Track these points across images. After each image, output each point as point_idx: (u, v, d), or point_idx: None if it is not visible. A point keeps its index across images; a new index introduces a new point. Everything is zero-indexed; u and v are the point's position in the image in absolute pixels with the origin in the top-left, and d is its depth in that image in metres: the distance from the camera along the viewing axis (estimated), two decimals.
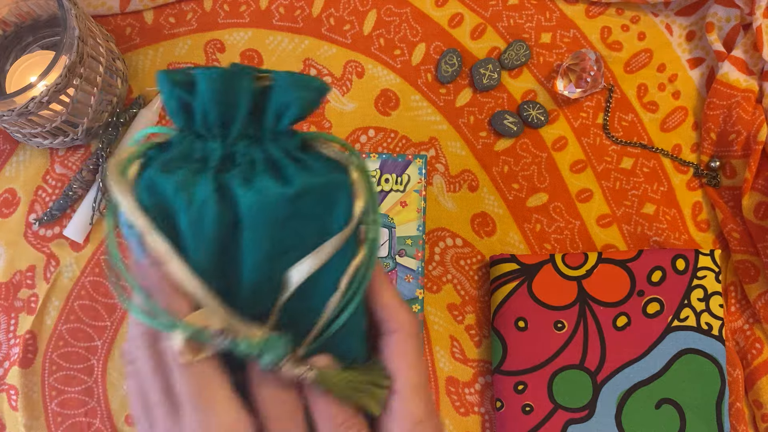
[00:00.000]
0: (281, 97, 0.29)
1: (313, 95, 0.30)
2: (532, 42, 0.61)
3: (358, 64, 0.60)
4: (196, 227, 0.28)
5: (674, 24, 0.61)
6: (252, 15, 0.60)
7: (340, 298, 0.30)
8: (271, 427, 0.30)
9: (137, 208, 0.28)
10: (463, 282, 0.57)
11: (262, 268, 0.29)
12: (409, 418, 0.31)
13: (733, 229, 0.57)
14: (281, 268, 0.30)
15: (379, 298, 0.33)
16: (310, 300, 0.30)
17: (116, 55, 0.57)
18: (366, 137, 0.59)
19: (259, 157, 0.30)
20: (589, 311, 0.54)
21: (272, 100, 0.29)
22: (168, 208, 0.29)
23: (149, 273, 0.30)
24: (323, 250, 0.29)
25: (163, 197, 0.29)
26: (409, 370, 0.32)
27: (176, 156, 0.29)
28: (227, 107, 0.29)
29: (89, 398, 0.55)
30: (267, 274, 0.30)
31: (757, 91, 0.57)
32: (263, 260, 0.29)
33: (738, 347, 0.56)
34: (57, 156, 0.58)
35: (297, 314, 0.30)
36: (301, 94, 0.29)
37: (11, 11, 0.53)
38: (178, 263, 0.28)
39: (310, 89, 0.30)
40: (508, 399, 0.53)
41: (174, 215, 0.29)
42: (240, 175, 0.29)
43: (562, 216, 0.58)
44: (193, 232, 0.29)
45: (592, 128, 0.60)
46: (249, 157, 0.29)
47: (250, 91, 0.29)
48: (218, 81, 0.28)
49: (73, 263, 0.56)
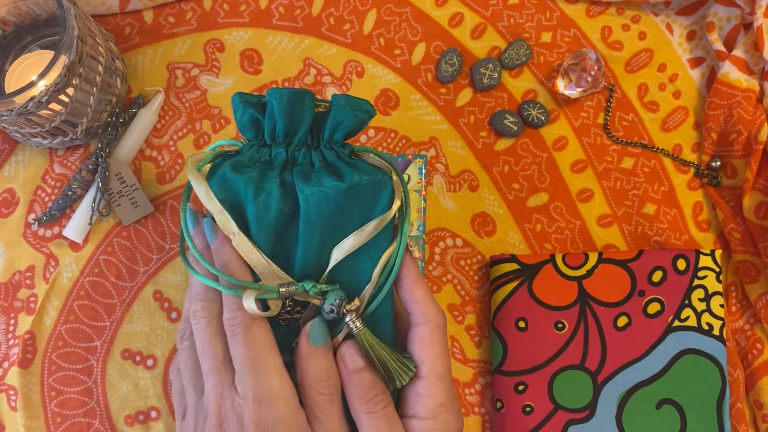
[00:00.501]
0: (338, 114, 0.36)
1: (364, 116, 0.37)
2: (533, 41, 0.60)
3: (358, 63, 0.60)
4: (261, 215, 0.35)
5: (675, 23, 0.61)
6: (252, 14, 0.60)
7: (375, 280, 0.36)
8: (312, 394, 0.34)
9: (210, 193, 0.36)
10: (463, 282, 0.57)
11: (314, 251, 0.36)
12: (433, 401, 0.35)
13: (733, 229, 0.56)
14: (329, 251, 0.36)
15: (413, 293, 0.37)
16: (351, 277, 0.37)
17: (116, 55, 0.57)
18: (366, 137, 0.59)
19: (317, 159, 0.37)
20: (590, 311, 0.54)
21: (330, 116, 0.37)
22: (237, 199, 0.36)
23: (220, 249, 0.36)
24: (364, 230, 0.36)
25: (234, 191, 0.36)
26: (435, 358, 0.36)
27: (246, 160, 0.36)
28: (293, 120, 0.36)
29: (89, 399, 0.55)
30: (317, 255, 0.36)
31: (758, 91, 0.57)
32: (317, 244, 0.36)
33: (739, 347, 0.56)
34: (56, 156, 0.57)
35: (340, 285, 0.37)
36: (354, 114, 0.37)
37: (10, 11, 0.53)
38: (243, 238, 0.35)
39: (362, 110, 0.37)
40: (509, 399, 0.53)
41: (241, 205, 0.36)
42: (301, 172, 0.36)
43: (562, 216, 0.58)
44: (257, 219, 0.35)
45: (593, 128, 0.60)
46: (309, 159, 0.37)
47: (312, 108, 0.36)
48: (288, 98, 0.35)
49: (73, 263, 0.56)
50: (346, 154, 0.37)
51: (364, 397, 0.35)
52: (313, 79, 0.59)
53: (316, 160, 0.37)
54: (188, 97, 0.59)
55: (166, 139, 0.58)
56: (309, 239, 0.36)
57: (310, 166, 0.37)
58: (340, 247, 0.36)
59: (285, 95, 0.35)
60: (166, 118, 0.58)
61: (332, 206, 0.35)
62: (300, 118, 0.36)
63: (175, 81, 0.59)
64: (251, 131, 0.38)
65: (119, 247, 0.56)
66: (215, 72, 0.59)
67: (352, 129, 0.37)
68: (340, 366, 0.36)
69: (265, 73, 0.59)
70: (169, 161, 0.58)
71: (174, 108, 0.58)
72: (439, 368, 0.36)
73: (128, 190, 0.56)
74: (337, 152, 0.37)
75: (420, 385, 0.36)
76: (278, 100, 0.35)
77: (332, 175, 0.36)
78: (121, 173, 0.56)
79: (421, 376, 0.36)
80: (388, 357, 0.35)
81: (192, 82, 0.59)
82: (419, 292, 0.37)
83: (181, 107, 0.58)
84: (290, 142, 0.37)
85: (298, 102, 0.36)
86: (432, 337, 0.36)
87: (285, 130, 0.36)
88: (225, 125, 0.58)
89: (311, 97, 0.36)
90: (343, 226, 0.36)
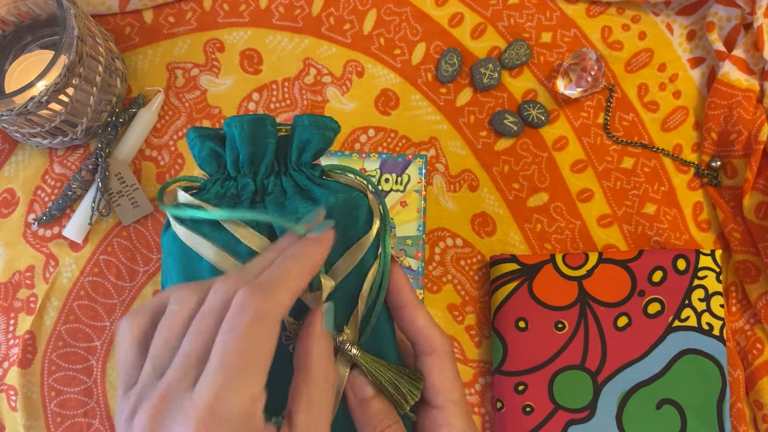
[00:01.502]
0: (303, 134, 0.35)
1: (330, 134, 0.36)
2: (533, 41, 0.60)
3: (358, 63, 0.60)
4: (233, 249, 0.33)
5: (675, 23, 0.61)
6: (252, 14, 0.60)
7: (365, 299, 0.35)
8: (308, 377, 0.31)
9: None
10: (463, 282, 0.57)
11: None
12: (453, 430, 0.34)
13: (733, 229, 0.56)
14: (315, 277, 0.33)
15: (415, 322, 0.36)
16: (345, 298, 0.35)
17: (115, 55, 0.57)
18: (366, 137, 0.59)
19: (288, 185, 0.35)
20: (590, 311, 0.54)
21: (296, 137, 0.35)
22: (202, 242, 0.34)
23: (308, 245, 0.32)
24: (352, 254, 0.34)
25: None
26: (450, 386, 0.35)
27: (210, 197, 0.34)
28: (256, 147, 0.34)
29: (88, 399, 0.55)
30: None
31: (758, 91, 0.57)
32: None
33: (739, 347, 0.56)
34: (56, 156, 0.57)
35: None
36: (320, 132, 0.35)
37: (10, 11, 0.53)
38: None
39: (327, 128, 0.35)
40: (509, 399, 0.53)
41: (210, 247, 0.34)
42: (273, 201, 0.34)
43: (562, 216, 0.58)
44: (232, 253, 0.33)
45: (593, 128, 0.60)
46: (279, 186, 0.35)
47: (275, 133, 0.35)
48: (248, 126, 0.34)
49: (73, 263, 0.56)
50: (317, 175, 0.36)
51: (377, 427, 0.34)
52: (313, 79, 0.59)
53: (288, 185, 0.35)
54: (188, 97, 0.59)
55: (166, 139, 0.58)
56: None
57: (282, 194, 0.35)
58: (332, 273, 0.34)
59: (245, 122, 0.34)
60: (166, 118, 0.58)
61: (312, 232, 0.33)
62: (264, 144, 0.34)
63: (175, 81, 0.59)
64: (212, 165, 0.36)
65: (119, 247, 0.56)
66: (215, 72, 0.59)
67: (320, 148, 0.36)
68: (349, 396, 0.35)
69: (265, 72, 0.59)
70: (169, 161, 0.58)
71: (174, 108, 0.58)
72: (455, 395, 0.35)
73: (128, 190, 0.56)
74: (307, 174, 0.36)
75: (438, 416, 0.35)
76: (239, 127, 0.34)
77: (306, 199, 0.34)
78: (121, 173, 0.56)
79: (437, 406, 0.35)
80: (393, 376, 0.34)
81: (192, 82, 0.59)
82: (421, 319, 0.36)
83: (181, 107, 0.58)
84: (256, 171, 0.35)
85: (259, 128, 0.34)
86: (442, 365, 0.35)
87: (249, 159, 0.35)
88: None
89: (272, 121, 0.35)
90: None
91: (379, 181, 0.55)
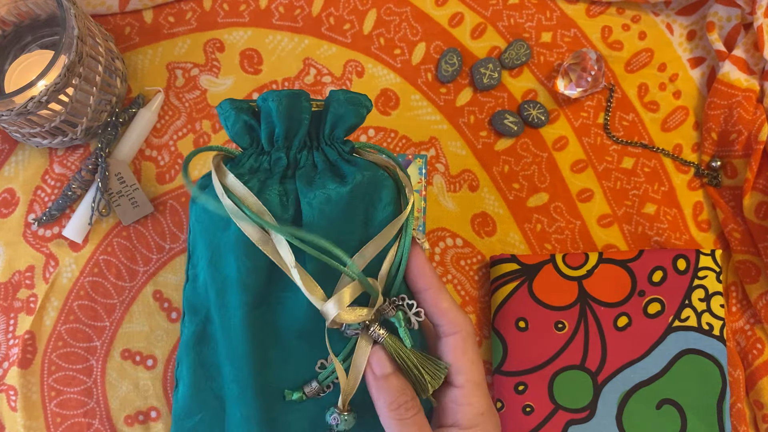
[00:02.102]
0: (338, 110, 0.35)
1: (363, 111, 0.36)
2: (533, 41, 0.60)
3: (358, 63, 0.60)
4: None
5: (675, 23, 0.61)
6: (252, 14, 0.60)
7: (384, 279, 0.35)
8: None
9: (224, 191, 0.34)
10: (463, 282, 0.57)
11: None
12: (473, 410, 0.35)
13: (734, 229, 0.56)
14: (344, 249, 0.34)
15: (439, 304, 0.36)
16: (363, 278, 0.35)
17: (115, 55, 0.57)
18: (366, 137, 0.59)
19: (319, 160, 0.36)
20: (590, 311, 0.54)
21: (330, 112, 0.35)
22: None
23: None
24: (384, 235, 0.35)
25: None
26: (471, 366, 0.36)
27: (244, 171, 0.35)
28: (292, 122, 0.35)
29: (88, 399, 0.55)
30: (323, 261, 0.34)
31: (758, 91, 0.57)
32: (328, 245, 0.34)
33: (739, 347, 0.56)
34: (56, 156, 0.57)
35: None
36: (355, 108, 0.35)
37: (10, 11, 0.53)
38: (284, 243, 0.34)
39: (361, 105, 0.36)
40: (509, 399, 0.53)
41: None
42: (304, 175, 0.35)
43: (562, 216, 0.58)
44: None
45: (593, 128, 0.59)
46: (311, 160, 0.36)
47: (309, 108, 0.35)
48: (285, 101, 0.34)
49: (73, 263, 0.56)
50: (346, 151, 0.36)
51: (394, 403, 0.34)
52: (313, 79, 0.59)
53: (319, 160, 0.36)
54: (188, 97, 0.59)
55: (166, 139, 0.58)
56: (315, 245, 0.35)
57: (313, 168, 0.36)
58: (361, 254, 0.35)
59: (283, 97, 0.34)
60: (166, 118, 0.58)
61: (336, 209, 0.34)
62: (299, 119, 0.35)
63: (175, 81, 0.59)
64: (246, 139, 0.36)
65: (119, 247, 0.56)
66: (215, 72, 0.59)
67: (353, 124, 0.36)
68: (368, 374, 0.35)
69: (265, 73, 0.59)
70: (169, 161, 0.58)
71: (174, 108, 0.58)
72: (477, 376, 0.36)
73: (128, 190, 0.56)
74: (338, 150, 0.36)
75: (458, 394, 0.35)
76: (277, 102, 0.34)
77: (335, 176, 0.35)
78: (121, 173, 0.56)
79: (458, 385, 0.35)
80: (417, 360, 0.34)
81: (192, 82, 0.59)
82: (445, 302, 0.36)
83: (180, 107, 0.58)
84: (290, 146, 0.36)
85: (295, 103, 0.35)
86: (465, 346, 0.36)
87: (284, 133, 0.35)
88: None
89: (307, 97, 0.35)
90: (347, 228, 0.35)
91: None
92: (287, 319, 0.37)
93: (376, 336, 0.34)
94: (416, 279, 0.37)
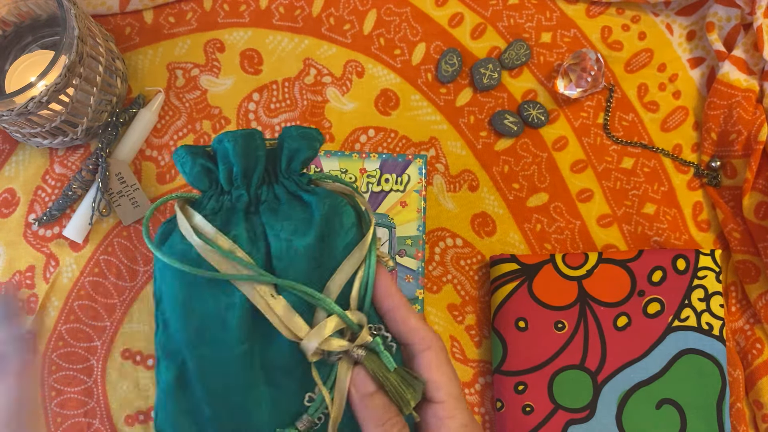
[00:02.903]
0: (292, 144, 0.36)
1: (316, 144, 0.37)
2: (533, 42, 0.60)
3: (358, 63, 0.60)
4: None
5: (675, 24, 0.61)
6: (252, 14, 0.60)
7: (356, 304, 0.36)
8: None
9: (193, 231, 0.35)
10: (463, 282, 0.57)
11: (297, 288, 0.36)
12: (456, 423, 0.35)
13: (733, 229, 0.56)
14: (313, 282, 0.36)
15: (407, 323, 0.37)
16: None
17: (116, 55, 0.57)
18: (366, 137, 0.59)
19: (280, 192, 0.37)
20: (590, 311, 0.54)
21: (285, 147, 0.37)
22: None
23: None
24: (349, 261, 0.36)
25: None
26: (449, 381, 0.36)
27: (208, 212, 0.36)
28: (249, 160, 0.36)
29: (89, 398, 0.55)
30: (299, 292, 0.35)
31: (758, 91, 0.57)
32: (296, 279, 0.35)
33: (738, 347, 0.56)
34: (56, 156, 0.57)
35: None
36: (308, 143, 0.37)
37: (11, 11, 0.53)
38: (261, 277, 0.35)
39: (313, 139, 0.37)
40: (509, 399, 0.53)
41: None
42: (268, 208, 0.36)
43: (562, 216, 0.58)
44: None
45: (593, 128, 0.60)
46: (272, 194, 0.37)
47: (264, 145, 0.36)
48: (241, 140, 0.35)
49: (73, 263, 0.56)
50: (305, 182, 0.37)
51: (379, 420, 0.34)
52: (313, 79, 0.59)
53: (280, 193, 0.37)
54: (188, 97, 0.59)
55: (166, 139, 0.58)
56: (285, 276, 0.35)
57: (276, 201, 0.37)
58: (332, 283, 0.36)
59: (239, 136, 0.35)
60: (166, 118, 0.58)
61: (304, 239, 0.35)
62: (255, 156, 0.36)
63: (175, 81, 0.59)
64: (204, 181, 0.37)
65: (119, 247, 0.56)
66: (215, 72, 0.59)
67: (308, 157, 0.37)
68: (352, 394, 0.35)
69: (265, 73, 0.59)
70: (170, 161, 0.58)
71: (174, 108, 0.58)
72: (455, 389, 0.36)
73: (128, 190, 0.56)
74: (296, 181, 0.37)
75: (440, 409, 0.36)
76: (233, 142, 0.35)
77: (299, 205, 0.36)
78: (121, 173, 0.56)
79: (439, 401, 0.36)
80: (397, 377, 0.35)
81: (192, 82, 0.59)
82: (413, 320, 0.37)
83: (181, 107, 0.58)
84: (249, 183, 0.36)
85: (251, 141, 0.36)
86: (440, 361, 0.36)
87: (243, 172, 0.36)
88: (225, 125, 0.58)
89: (260, 135, 0.36)
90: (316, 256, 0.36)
91: (379, 181, 0.55)
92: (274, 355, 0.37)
93: (356, 357, 0.35)
94: (383, 300, 0.37)
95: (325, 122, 0.59)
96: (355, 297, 0.36)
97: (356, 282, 0.36)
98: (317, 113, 0.59)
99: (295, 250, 0.35)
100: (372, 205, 0.54)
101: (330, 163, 0.55)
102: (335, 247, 0.36)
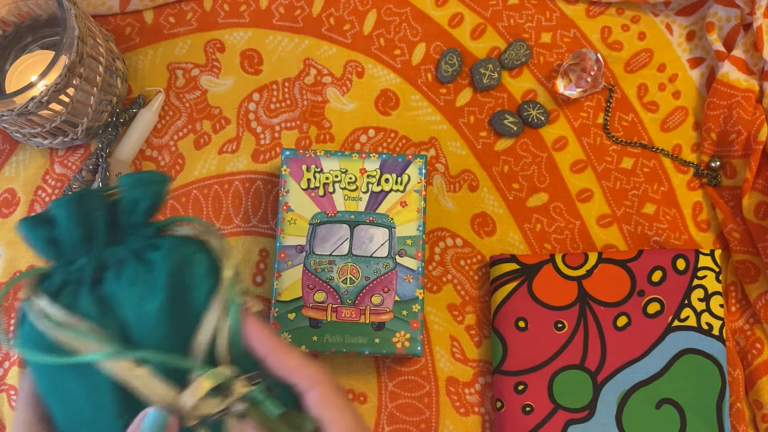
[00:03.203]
0: (129, 195, 0.34)
1: (157, 188, 0.34)
2: (533, 42, 0.61)
3: (358, 63, 0.60)
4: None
5: (674, 24, 0.61)
6: (252, 15, 0.60)
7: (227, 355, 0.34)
8: None
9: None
10: (463, 282, 0.57)
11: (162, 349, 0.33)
12: None
13: (733, 229, 0.56)
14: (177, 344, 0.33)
15: (286, 364, 0.35)
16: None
17: (116, 55, 0.57)
18: (366, 137, 0.59)
19: (125, 254, 0.33)
20: (590, 311, 0.54)
21: (122, 200, 0.34)
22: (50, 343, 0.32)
23: None
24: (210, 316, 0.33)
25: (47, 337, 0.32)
26: (342, 414, 0.34)
27: (56, 288, 0.33)
28: (86, 224, 0.33)
29: None
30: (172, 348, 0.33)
31: (758, 91, 0.57)
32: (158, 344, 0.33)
33: (738, 347, 0.56)
34: (57, 156, 0.58)
35: None
36: (146, 189, 0.34)
37: (11, 11, 0.53)
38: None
39: (152, 183, 0.34)
40: (508, 399, 0.53)
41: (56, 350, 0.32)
42: (113, 275, 0.33)
43: (562, 216, 0.58)
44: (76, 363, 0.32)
45: (593, 128, 0.60)
46: (116, 258, 0.33)
47: (102, 204, 0.33)
48: (73, 204, 0.32)
49: None
50: (151, 234, 0.34)
51: None
52: (313, 79, 0.59)
53: (125, 254, 0.33)
54: (188, 97, 0.59)
55: (166, 139, 0.58)
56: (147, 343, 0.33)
57: (120, 264, 0.33)
58: (196, 347, 0.33)
59: (71, 201, 0.32)
60: (167, 118, 0.58)
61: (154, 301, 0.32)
62: (92, 218, 0.33)
63: (176, 81, 0.59)
64: (51, 252, 0.34)
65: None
66: (215, 72, 0.59)
67: (150, 205, 0.34)
68: None
69: (265, 73, 0.59)
70: (170, 161, 0.58)
71: (174, 108, 0.59)
72: (350, 421, 0.34)
73: None
74: (142, 235, 0.34)
75: None
76: (65, 208, 0.32)
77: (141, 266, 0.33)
78: (122, 173, 0.56)
79: None
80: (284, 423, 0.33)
81: (192, 82, 0.59)
82: (292, 360, 0.35)
83: (181, 107, 0.59)
84: (92, 248, 0.33)
85: (84, 203, 0.33)
86: (329, 396, 0.35)
87: (82, 238, 0.33)
88: (225, 125, 0.58)
89: (95, 193, 0.33)
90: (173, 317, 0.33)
91: (379, 181, 0.55)
92: None
93: (239, 412, 0.33)
94: (256, 347, 0.35)
95: (325, 122, 0.59)
96: (225, 350, 0.34)
97: (223, 334, 0.34)
98: (317, 113, 0.59)
99: (148, 315, 0.32)
100: (372, 205, 0.54)
101: (330, 163, 0.55)
102: (192, 302, 0.34)
